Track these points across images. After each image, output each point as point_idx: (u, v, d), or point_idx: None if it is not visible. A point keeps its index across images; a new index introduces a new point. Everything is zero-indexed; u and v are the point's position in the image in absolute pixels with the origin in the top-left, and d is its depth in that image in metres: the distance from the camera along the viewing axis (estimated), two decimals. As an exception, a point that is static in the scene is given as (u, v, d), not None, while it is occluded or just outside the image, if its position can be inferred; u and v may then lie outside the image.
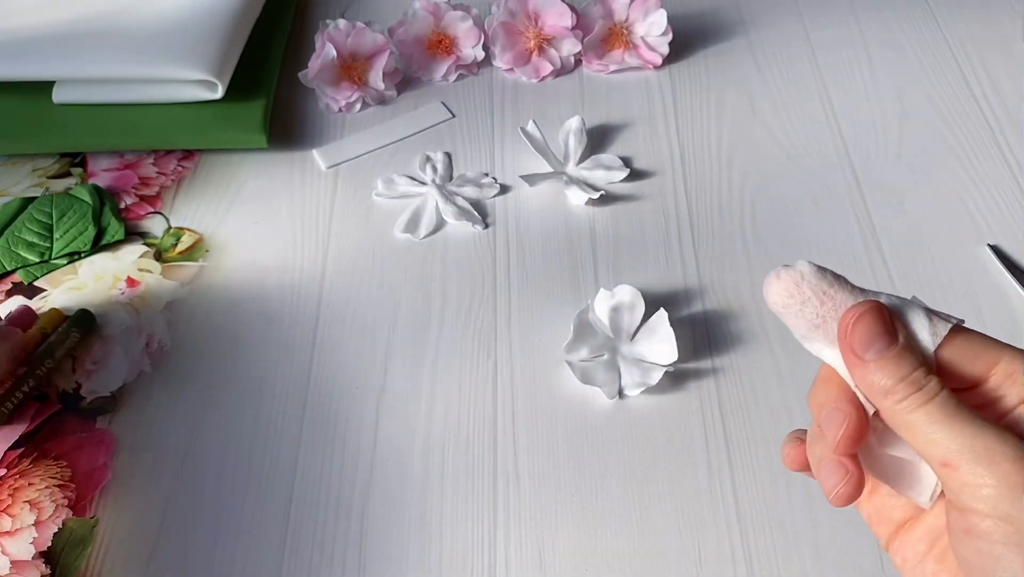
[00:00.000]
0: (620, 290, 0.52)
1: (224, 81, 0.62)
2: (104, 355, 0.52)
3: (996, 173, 0.60)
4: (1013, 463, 0.25)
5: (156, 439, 0.48)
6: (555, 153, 0.62)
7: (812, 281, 0.29)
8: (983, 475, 0.26)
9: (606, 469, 0.47)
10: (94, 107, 0.64)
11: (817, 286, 0.29)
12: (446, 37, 0.68)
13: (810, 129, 0.64)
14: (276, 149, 0.64)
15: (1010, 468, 0.25)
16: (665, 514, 0.44)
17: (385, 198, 0.61)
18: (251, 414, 0.49)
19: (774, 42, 0.71)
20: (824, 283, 0.29)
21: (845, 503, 0.30)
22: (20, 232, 0.59)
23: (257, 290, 0.56)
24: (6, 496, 0.46)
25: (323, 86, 0.66)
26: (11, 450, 0.48)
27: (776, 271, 0.29)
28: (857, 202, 0.59)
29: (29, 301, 0.55)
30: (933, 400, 0.27)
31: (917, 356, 0.28)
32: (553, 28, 0.67)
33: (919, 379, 0.27)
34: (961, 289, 0.53)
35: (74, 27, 0.65)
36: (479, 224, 0.58)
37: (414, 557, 0.44)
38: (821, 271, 0.29)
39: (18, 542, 0.44)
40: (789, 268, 0.29)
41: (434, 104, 0.67)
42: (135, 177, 0.63)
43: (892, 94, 0.66)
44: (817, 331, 0.29)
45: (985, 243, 0.56)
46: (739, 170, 0.61)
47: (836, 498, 0.30)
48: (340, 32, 0.65)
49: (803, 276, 0.29)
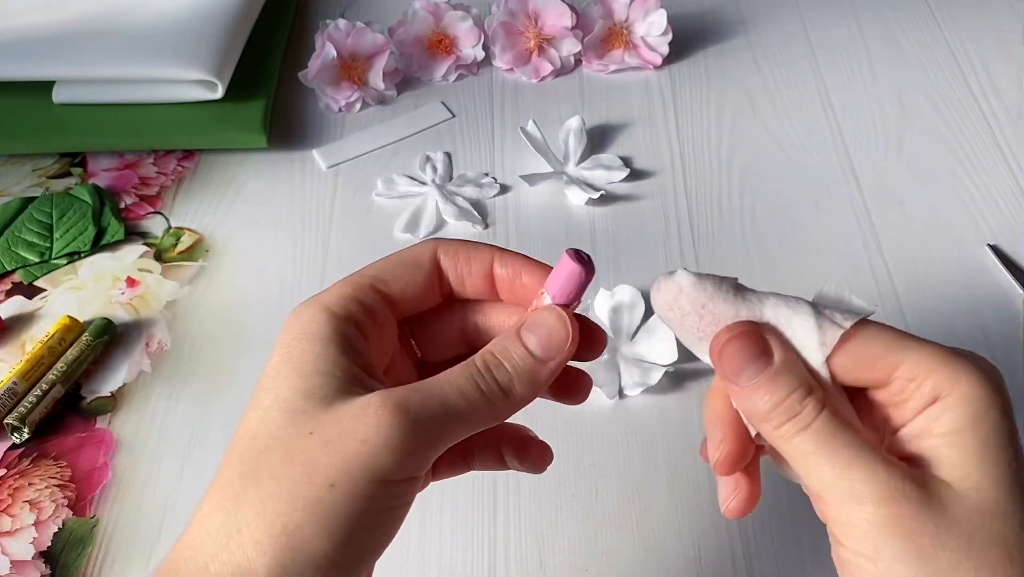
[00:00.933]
0: (620, 290, 0.52)
1: (224, 81, 0.62)
2: (104, 355, 0.52)
3: (996, 173, 0.60)
4: (878, 505, 0.24)
5: (156, 439, 0.48)
6: (555, 153, 0.62)
7: (690, 295, 0.27)
8: (850, 514, 0.24)
9: (606, 469, 0.47)
10: (94, 107, 0.64)
11: (696, 300, 0.27)
12: (446, 37, 0.68)
13: (810, 129, 0.64)
14: (276, 149, 0.64)
15: (874, 510, 0.24)
16: (665, 514, 0.44)
17: (385, 198, 0.61)
18: (251, 414, 0.49)
19: (774, 42, 0.71)
20: (703, 296, 0.27)
21: (737, 516, 0.29)
22: (20, 232, 0.59)
23: (257, 290, 0.56)
24: (6, 496, 0.46)
25: (323, 86, 0.66)
26: (11, 450, 0.48)
27: (657, 281, 0.28)
28: (857, 202, 0.59)
29: (29, 301, 0.55)
30: (808, 428, 0.25)
31: (795, 377, 0.26)
32: (553, 28, 0.67)
33: (793, 406, 0.26)
34: (961, 289, 0.53)
35: (74, 27, 0.65)
36: (479, 224, 0.58)
37: (414, 557, 0.44)
38: (700, 282, 0.27)
39: (18, 542, 0.44)
40: (669, 278, 0.27)
41: (434, 104, 0.67)
42: (135, 177, 0.63)
43: (892, 94, 0.66)
44: (701, 344, 0.28)
45: (985, 243, 0.56)
46: (739, 170, 0.61)
47: (727, 512, 0.29)
48: (340, 32, 0.65)
49: (681, 288, 0.27)
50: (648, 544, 0.43)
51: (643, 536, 0.44)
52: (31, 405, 0.48)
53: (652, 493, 0.45)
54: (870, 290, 0.53)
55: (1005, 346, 0.50)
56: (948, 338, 0.51)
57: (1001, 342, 0.50)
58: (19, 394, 0.49)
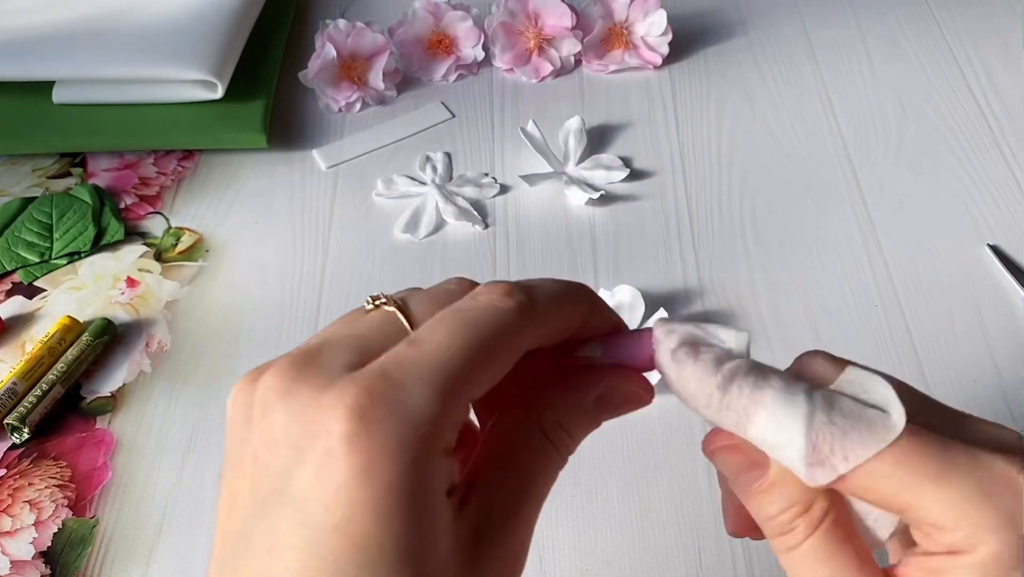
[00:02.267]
0: (620, 290, 0.52)
1: (224, 81, 0.62)
2: (104, 355, 0.52)
3: (996, 173, 0.60)
4: None
5: (156, 439, 0.48)
6: (555, 153, 0.62)
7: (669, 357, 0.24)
8: None
9: (606, 469, 0.47)
10: (94, 107, 0.64)
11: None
12: (446, 37, 0.68)
13: (810, 129, 0.64)
14: (276, 149, 0.64)
15: None
16: (665, 514, 0.44)
17: (385, 198, 0.61)
18: (251, 414, 0.49)
19: (774, 42, 0.71)
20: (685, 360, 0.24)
21: (736, 536, 0.28)
22: (20, 232, 0.59)
23: (257, 290, 0.56)
24: (6, 496, 0.46)
25: (323, 86, 0.66)
26: (11, 450, 0.48)
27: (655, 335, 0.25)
28: (857, 202, 0.59)
29: (29, 301, 0.55)
30: (795, 550, 0.24)
31: (787, 494, 0.24)
32: (553, 28, 0.67)
33: (783, 525, 0.24)
34: (961, 289, 0.53)
35: (74, 27, 0.65)
36: (479, 224, 0.58)
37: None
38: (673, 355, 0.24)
39: (18, 542, 0.44)
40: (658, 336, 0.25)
41: (434, 104, 0.67)
42: (135, 177, 0.63)
43: (892, 94, 0.66)
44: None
45: (985, 243, 0.56)
46: (739, 170, 0.61)
47: (727, 528, 0.28)
48: (340, 32, 0.65)
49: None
50: (648, 544, 0.43)
51: (643, 536, 0.44)
52: (31, 405, 0.48)
53: (652, 493, 0.45)
54: (870, 290, 0.53)
55: (1005, 346, 0.50)
56: (948, 338, 0.51)
57: (1001, 342, 0.50)
58: (19, 394, 0.49)
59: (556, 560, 0.43)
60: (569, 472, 0.25)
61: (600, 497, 0.45)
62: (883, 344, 0.46)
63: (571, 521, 0.45)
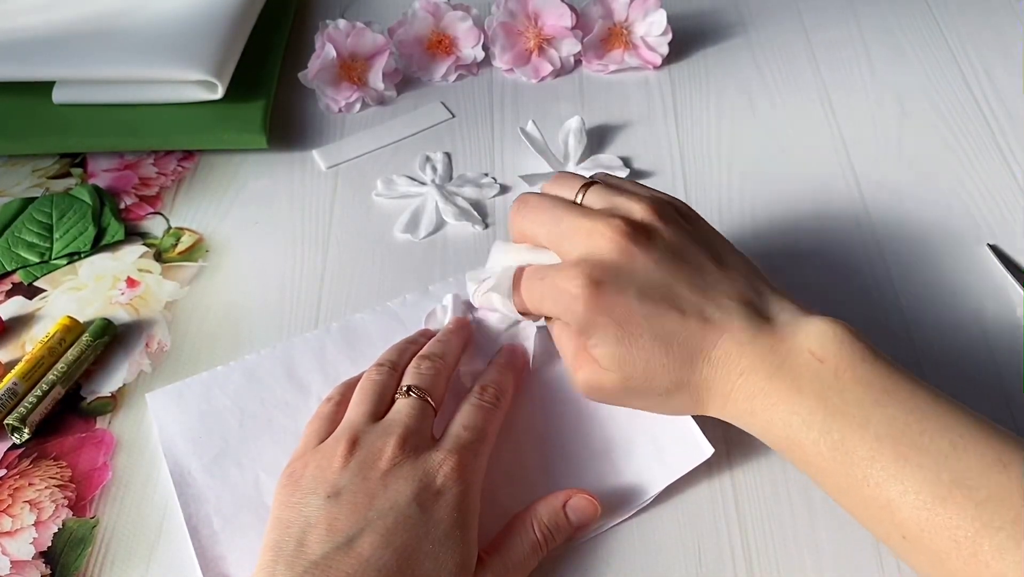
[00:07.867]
0: (620, 290, 0.52)
1: (224, 81, 0.62)
2: (104, 355, 0.52)
3: (996, 173, 0.60)
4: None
5: (156, 439, 0.48)
6: (555, 153, 0.62)
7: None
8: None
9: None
10: (94, 107, 0.64)
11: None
12: (446, 37, 0.68)
13: (810, 129, 0.64)
14: (276, 149, 0.64)
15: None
16: (665, 514, 0.44)
17: (385, 198, 0.61)
18: (251, 414, 0.49)
19: (774, 42, 0.71)
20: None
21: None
22: (20, 232, 0.59)
23: (257, 290, 0.56)
24: (6, 496, 0.46)
25: (323, 86, 0.66)
26: (11, 450, 0.48)
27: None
28: (857, 202, 0.59)
29: (29, 301, 0.56)
30: (552, 325, 0.46)
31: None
32: (553, 28, 0.67)
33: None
34: (961, 289, 0.53)
35: (74, 27, 0.65)
36: (479, 224, 0.58)
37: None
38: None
39: (18, 542, 0.45)
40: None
41: (434, 104, 0.67)
42: (135, 177, 0.63)
43: (892, 94, 0.66)
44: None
45: (985, 243, 0.56)
46: (739, 170, 0.61)
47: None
48: (340, 32, 0.65)
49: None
50: (648, 544, 0.43)
51: (643, 536, 0.44)
52: (31, 405, 0.48)
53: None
54: (870, 289, 0.53)
55: (1005, 346, 0.50)
56: (948, 338, 0.51)
57: (1001, 342, 0.50)
58: (19, 394, 0.49)
59: (555, 560, 0.43)
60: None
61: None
62: (882, 344, 0.45)
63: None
